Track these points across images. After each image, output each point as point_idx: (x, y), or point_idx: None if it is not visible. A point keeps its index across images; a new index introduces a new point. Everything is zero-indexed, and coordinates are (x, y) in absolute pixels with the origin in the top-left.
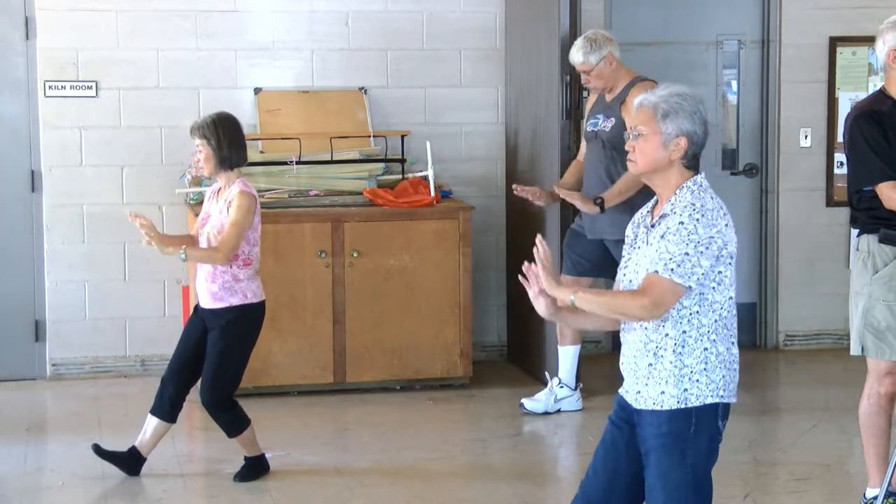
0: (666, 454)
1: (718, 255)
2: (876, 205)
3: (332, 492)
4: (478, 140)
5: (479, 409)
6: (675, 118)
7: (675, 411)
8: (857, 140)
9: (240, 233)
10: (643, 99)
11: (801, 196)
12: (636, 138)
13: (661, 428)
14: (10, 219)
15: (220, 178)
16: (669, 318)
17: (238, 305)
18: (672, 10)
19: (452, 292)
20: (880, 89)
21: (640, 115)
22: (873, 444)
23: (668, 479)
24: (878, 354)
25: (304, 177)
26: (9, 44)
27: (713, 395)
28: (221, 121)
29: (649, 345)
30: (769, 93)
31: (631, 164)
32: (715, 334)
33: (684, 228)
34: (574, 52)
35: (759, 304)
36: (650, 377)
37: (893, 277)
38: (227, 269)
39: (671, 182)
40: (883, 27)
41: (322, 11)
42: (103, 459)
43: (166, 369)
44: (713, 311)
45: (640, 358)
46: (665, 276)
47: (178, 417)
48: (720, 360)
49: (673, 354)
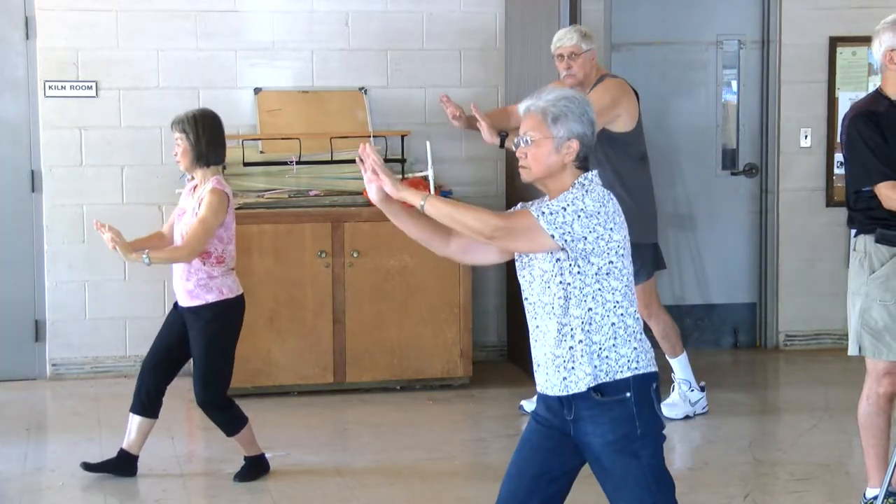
0: (619, 459)
1: (601, 235)
2: (873, 205)
3: (332, 492)
4: (478, 140)
5: (479, 409)
6: (564, 121)
7: (617, 416)
8: (855, 141)
9: (206, 230)
10: (530, 105)
11: (800, 196)
12: (528, 145)
13: (607, 437)
14: (10, 219)
15: (196, 175)
16: (572, 298)
17: (215, 302)
18: (672, 10)
19: (452, 292)
20: (877, 89)
21: (529, 121)
22: (873, 445)
23: (627, 483)
24: (875, 354)
25: (304, 177)
26: (9, 44)
27: (627, 368)
28: (203, 117)
29: (563, 329)
30: (769, 93)
31: (525, 172)
32: (623, 309)
33: (569, 195)
34: (567, 35)
35: (759, 304)
36: (574, 359)
37: (890, 277)
38: (201, 267)
39: (565, 184)
40: (879, 28)
41: (322, 11)
42: (96, 472)
43: (143, 365)
44: (613, 291)
45: (556, 346)
46: (533, 215)
47: (178, 418)
48: (629, 334)
49: (583, 333)
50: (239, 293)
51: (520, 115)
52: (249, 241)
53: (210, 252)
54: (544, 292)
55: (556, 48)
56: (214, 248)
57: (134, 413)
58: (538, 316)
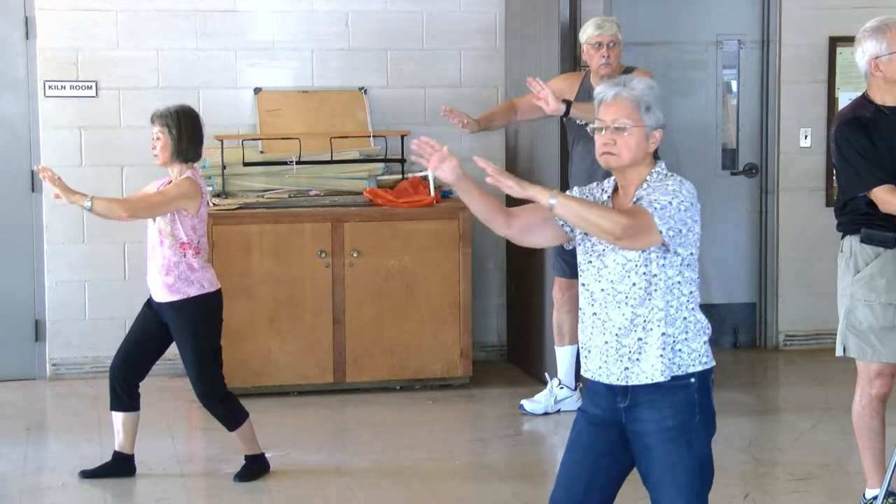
0: (674, 447)
1: (691, 227)
2: (859, 206)
3: (332, 492)
4: (478, 140)
5: (479, 409)
6: (654, 111)
7: (678, 401)
8: (845, 148)
9: (160, 203)
10: (620, 91)
11: (800, 196)
12: (617, 132)
13: (666, 422)
14: (10, 219)
15: (172, 170)
16: (656, 289)
17: (196, 296)
18: (672, 10)
19: (452, 292)
20: (862, 95)
21: (620, 107)
22: (868, 447)
23: (677, 471)
24: (860, 355)
25: (304, 177)
26: (9, 44)
27: (699, 363)
28: (185, 113)
29: (637, 320)
30: (769, 93)
31: (612, 159)
32: (693, 304)
33: (669, 186)
34: (608, 24)
35: (759, 304)
36: (642, 351)
37: (874, 277)
38: (181, 260)
39: (643, 173)
40: (860, 36)
41: (322, 11)
42: (95, 478)
43: (114, 362)
44: (689, 283)
45: (624, 336)
46: (650, 211)
47: (178, 418)
48: (699, 329)
49: (663, 326)
50: (218, 287)
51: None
52: (249, 241)
53: (187, 243)
54: (622, 281)
55: (595, 36)
56: (190, 238)
57: (115, 411)
58: (604, 304)
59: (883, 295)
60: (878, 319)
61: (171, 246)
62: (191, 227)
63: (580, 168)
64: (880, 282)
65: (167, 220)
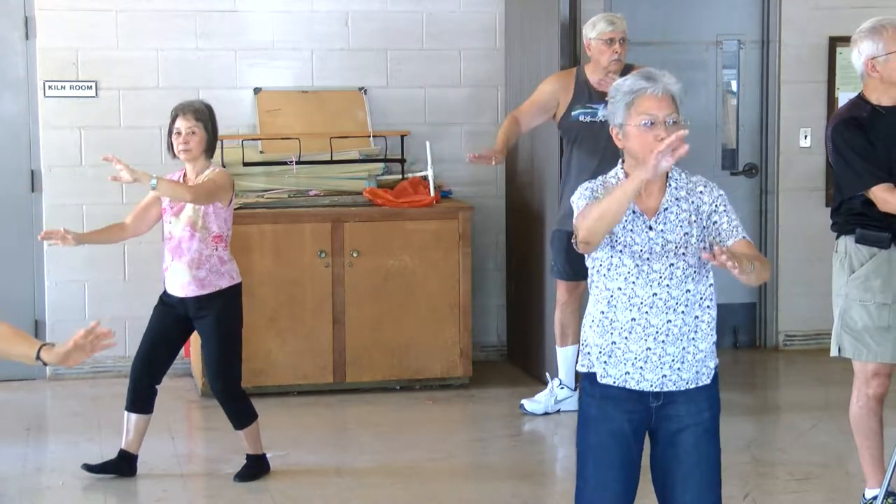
0: (704, 440)
1: None
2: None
3: (332, 492)
4: (478, 140)
5: (479, 409)
6: (681, 104)
7: (712, 394)
8: (842, 148)
9: (214, 190)
10: (668, 85)
11: (800, 196)
12: (670, 126)
13: (703, 415)
14: (10, 219)
15: (195, 165)
16: (707, 300)
17: (227, 288)
18: (672, 10)
19: (452, 292)
20: (858, 95)
21: (671, 102)
22: (867, 447)
23: (704, 465)
24: (855, 355)
25: (303, 177)
26: (9, 44)
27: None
28: (211, 109)
29: (684, 328)
30: (769, 93)
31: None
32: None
33: (721, 197)
34: (619, 20)
35: (759, 304)
36: (684, 360)
37: (869, 278)
38: (213, 252)
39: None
40: (856, 36)
41: (322, 11)
42: (98, 473)
43: (134, 361)
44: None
45: (670, 344)
46: (749, 239)
47: (178, 418)
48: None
49: (707, 334)
50: (241, 280)
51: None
52: (249, 241)
53: (220, 235)
54: (678, 287)
55: (608, 32)
56: (221, 230)
57: (129, 411)
58: (650, 309)
59: (878, 295)
60: (873, 320)
61: (203, 239)
62: (223, 219)
63: (587, 167)
64: (875, 282)
65: (200, 214)
